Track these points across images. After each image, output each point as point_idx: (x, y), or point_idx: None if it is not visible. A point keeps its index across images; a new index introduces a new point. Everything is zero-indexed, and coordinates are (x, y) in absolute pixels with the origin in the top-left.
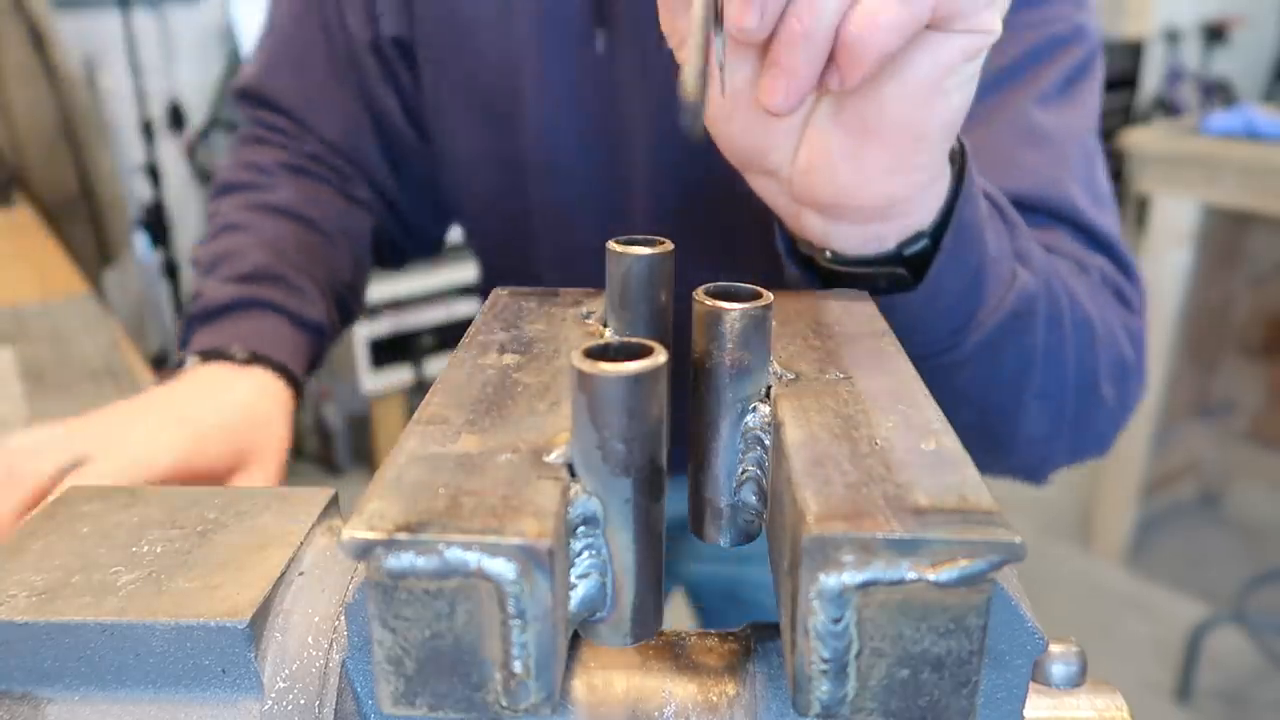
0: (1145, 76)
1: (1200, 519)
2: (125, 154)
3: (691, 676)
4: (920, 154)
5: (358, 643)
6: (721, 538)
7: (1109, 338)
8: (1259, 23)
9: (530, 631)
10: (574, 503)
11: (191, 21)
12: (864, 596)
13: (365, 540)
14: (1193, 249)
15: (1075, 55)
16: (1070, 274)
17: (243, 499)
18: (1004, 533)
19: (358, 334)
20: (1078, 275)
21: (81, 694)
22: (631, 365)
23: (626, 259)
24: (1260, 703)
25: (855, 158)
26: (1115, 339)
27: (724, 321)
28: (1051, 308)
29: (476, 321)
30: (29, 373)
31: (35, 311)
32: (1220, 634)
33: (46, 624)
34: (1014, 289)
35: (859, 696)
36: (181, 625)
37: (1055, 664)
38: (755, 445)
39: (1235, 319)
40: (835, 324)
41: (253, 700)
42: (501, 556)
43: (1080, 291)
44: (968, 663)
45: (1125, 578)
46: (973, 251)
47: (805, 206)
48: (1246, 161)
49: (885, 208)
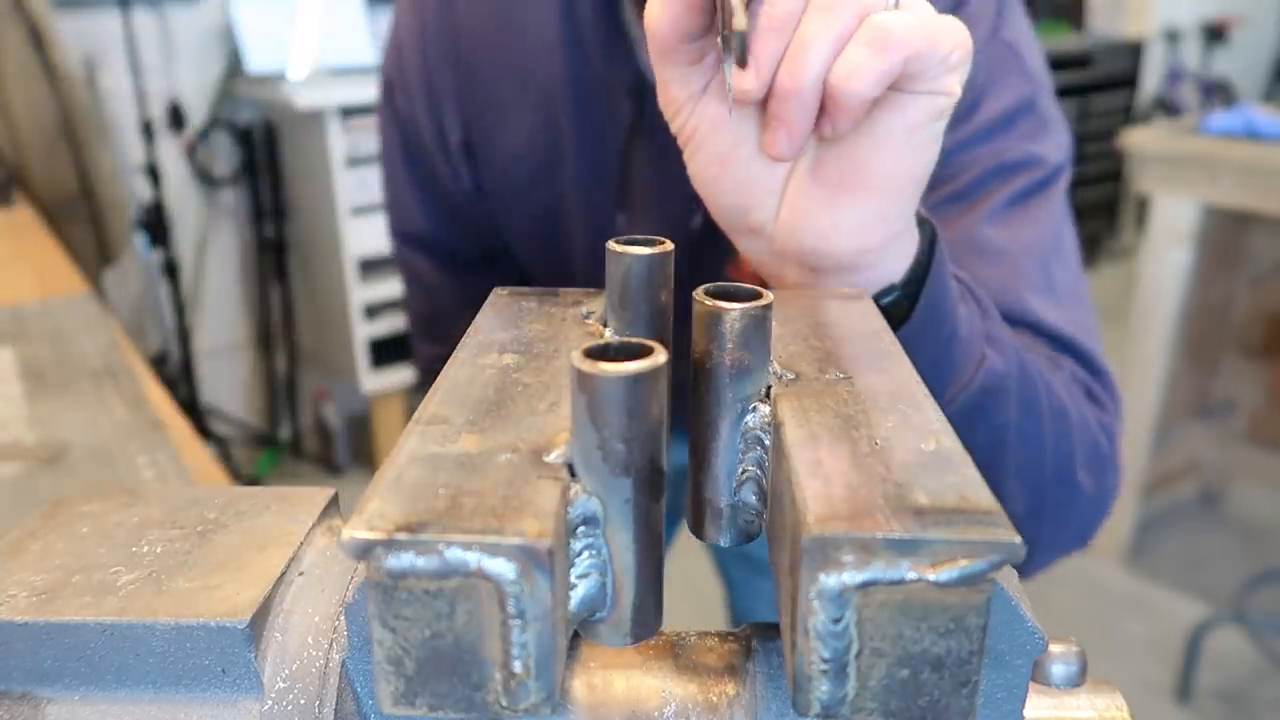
0: (1145, 76)
1: (1200, 519)
2: (125, 154)
3: (691, 676)
4: (891, 205)
5: (358, 643)
6: (721, 538)
7: (1084, 428)
8: (1259, 23)
9: (530, 631)
10: (574, 503)
11: (191, 21)
12: (864, 596)
13: (365, 540)
14: (1193, 249)
15: (1028, 177)
16: (1045, 366)
17: (243, 499)
18: (1004, 533)
19: (358, 334)
20: (1051, 369)
21: (81, 694)
22: (631, 365)
23: (626, 259)
24: (1260, 703)
25: (832, 209)
26: (1090, 430)
27: (724, 321)
28: (1025, 389)
29: (476, 321)
30: (29, 373)
31: (35, 311)
32: (1220, 634)
33: (46, 624)
34: (984, 367)
35: (859, 696)
36: (181, 625)
37: (1055, 664)
38: (755, 445)
39: (1235, 319)
40: (835, 324)
41: (253, 700)
42: (501, 556)
43: (1055, 382)
44: (968, 663)
45: (1125, 578)
46: (944, 323)
47: (787, 261)
48: (1246, 161)
49: (858, 257)
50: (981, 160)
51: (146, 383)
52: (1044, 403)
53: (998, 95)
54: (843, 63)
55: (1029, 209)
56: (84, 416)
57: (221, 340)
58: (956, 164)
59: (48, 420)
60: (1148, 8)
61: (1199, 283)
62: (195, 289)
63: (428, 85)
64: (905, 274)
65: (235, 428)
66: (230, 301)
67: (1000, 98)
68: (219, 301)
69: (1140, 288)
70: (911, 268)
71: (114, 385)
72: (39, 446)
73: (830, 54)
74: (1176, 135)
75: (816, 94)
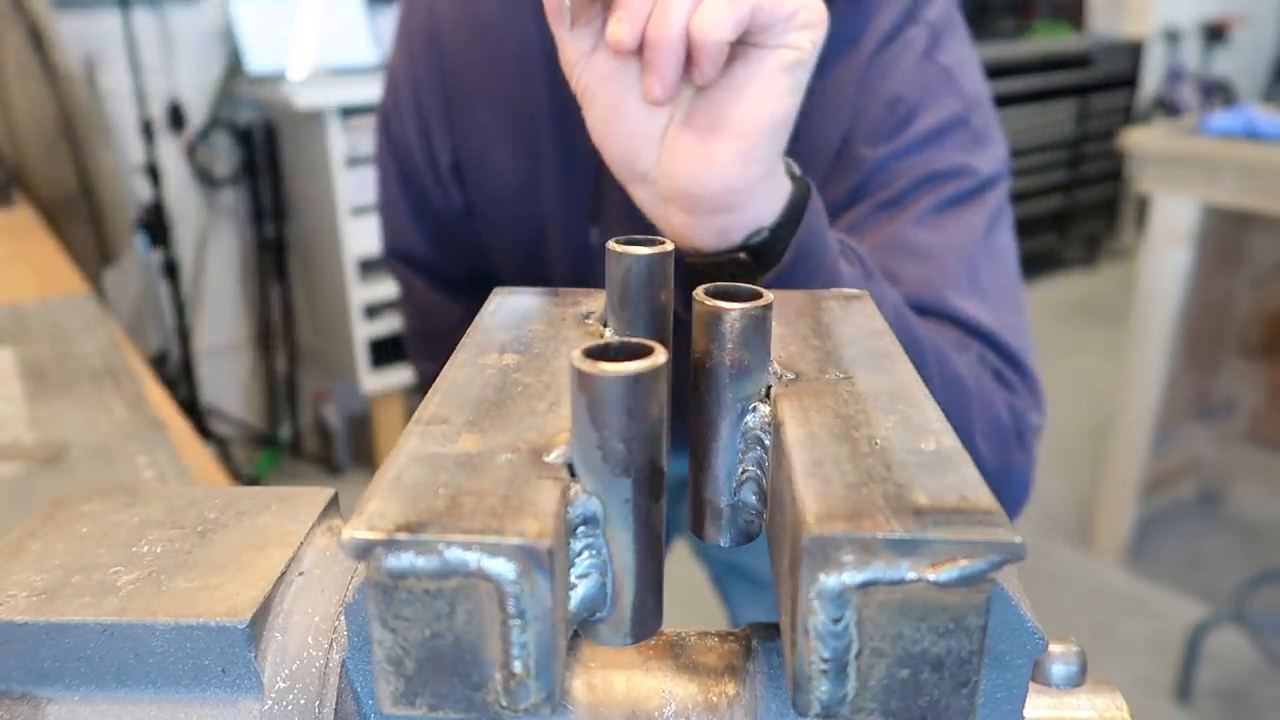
0: (1145, 76)
1: (1200, 519)
2: (125, 154)
3: (691, 676)
4: (752, 148)
5: (358, 643)
6: (721, 538)
7: (985, 402)
8: (1259, 23)
9: (530, 631)
10: (574, 503)
11: (191, 21)
12: (864, 596)
13: (365, 540)
14: (1193, 249)
15: (957, 185)
16: (947, 344)
17: (243, 499)
18: (1004, 533)
19: (358, 334)
20: (955, 347)
21: (81, 694)
22: (631, 365)
23: (626, 259)
24: (1260, 703)
25: (702, 153)
26: (993, 406)
27: (724, 321)
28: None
29: (476, 321)
30: (29, 373)
31: (35, 311)
32: (1220, 634)
33: (46, 624)
34: None
35: (859, 696)
36: (181, 625)
37: (1055, 664)
38: (755, 445)
39: (1235, 319)
40: (835, 324)
41: (253, 700)
42: (501, 556)
43: (955, 358)
44: (968, 663)
45: (1125, 577)
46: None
47: (670, 204)
48: (1246, 161)
49: (728, 197)
50: (914, 169)
51: (146, 383)
52: (934, 367)
53: (932, 111)
54: (700, 14)
55: (958, 214)
56: (84, 416)
57: (221, 340)
58: (890, 173)
59: (48, 420)
60: (1148, 8)
61: (1199, 283)
62: (195, 289)
63: (419, 114)
64: (776, 218)
65: (235, 428)
66: (230, 301)
67: (934, 113)
68: (219, 301)
69: (1140, 288)
70: (784, 215)
71: (114, 385)
72: (39, 446)
73: (691, 6)
74: (1176, 135)
75: (682, 42)
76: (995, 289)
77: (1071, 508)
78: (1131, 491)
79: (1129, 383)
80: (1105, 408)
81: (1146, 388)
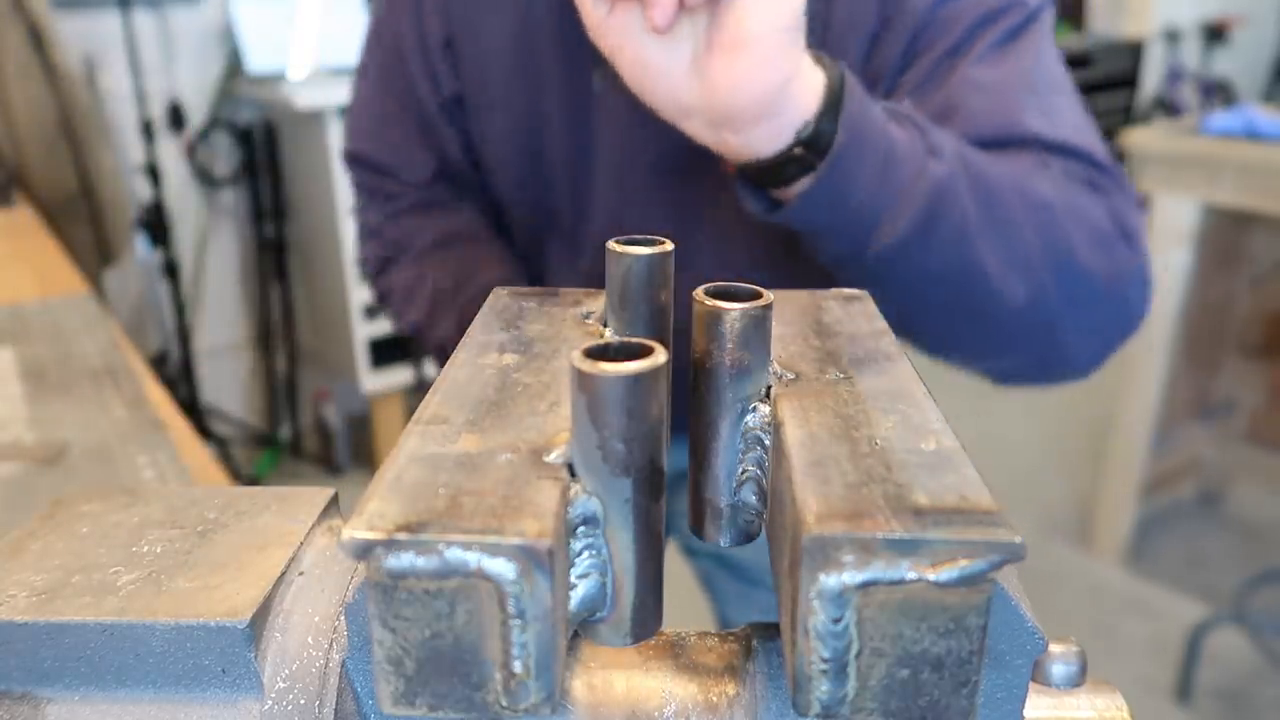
0: (1145, 76)
1: (1200, 519)
2: (125, 154)
3: (691, 676)
4: (770, 51)
5: (358, 643)
6: (721, 538)
7: (1079, 214)
8: (1259, 23)
9: (530, 631)
10: (574, 503)
11: (191, 21)
12: (864, 596)
13: (365, 540)
14: (1193, 249)
15: (1010, 19)
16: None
17: (243, 499)
18: (1004, 533)
19: (358, 334)
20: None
21: (81, 694)
22: (631, 365)
23: (626, 259)
24: (1260, 703)
25: (729, 69)
26: (1088, 214)
27: (724, 321)
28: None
29: (476, 321)
30: (29, 373)
31: (35, 311)
32: (1220, 634)
33: (46, 624)
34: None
35: (859, 696)
36: (181, 625)
37: (1055, 664)
38: (755, 445)
39: (1235, 319)
40: (835, 324)
41: (253, 700)
42: (501, 556)
43: (1037, 183)
44: (968, 663)
45: (1125, 577)
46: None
47: (721, 128)
48: (1246, 161)
49: (764, 104)
50: (966, 12)
51: (146, 383)
52: (1011, 196)
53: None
54: None
55: (1016, 46)
56: (84, 416)
57: (221, 340)
58: (943, 19)
59: (48, 420)
60: (1148, 8)
61: (1199, 283)
62: (195, 289)
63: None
64: (818, 108)
65: (235, 428)
66: (230, 301)
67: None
68: (219, 301)
69: None
70: (824, 104)
71: (114, 385)
72: (39, 446)
73: None
74: (1176, 135)
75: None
76: (1064, 105)
77: (1071, 507)
78: (1131, 491)
79: (1129, 382)
80: (1105, 407)
81: (1146, 387)
